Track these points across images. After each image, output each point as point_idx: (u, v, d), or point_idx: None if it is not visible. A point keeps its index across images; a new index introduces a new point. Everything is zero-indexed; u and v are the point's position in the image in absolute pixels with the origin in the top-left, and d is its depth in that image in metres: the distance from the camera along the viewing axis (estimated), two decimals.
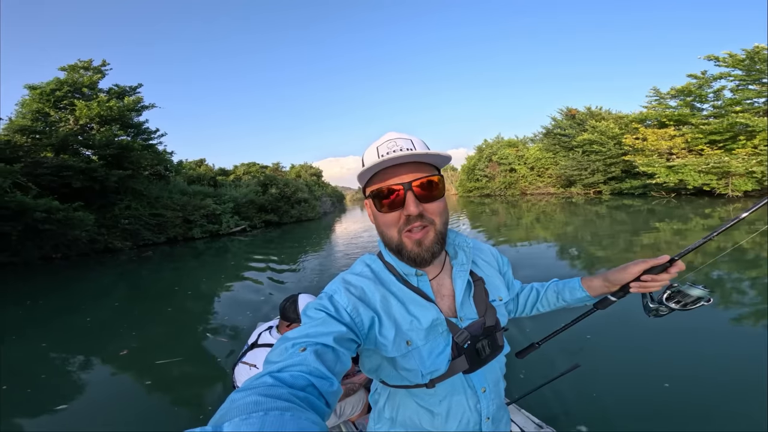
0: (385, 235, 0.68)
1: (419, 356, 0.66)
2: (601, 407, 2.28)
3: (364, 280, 0.69)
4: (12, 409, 2.89)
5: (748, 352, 2.81)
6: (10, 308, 6.15)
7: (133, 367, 3.57)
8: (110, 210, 13.99)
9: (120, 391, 3.12)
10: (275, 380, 0.44)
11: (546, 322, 1.03)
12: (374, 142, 0.70)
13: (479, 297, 0.74)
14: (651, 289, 0.76)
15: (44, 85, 13.28)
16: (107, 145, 13.46)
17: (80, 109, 13.18)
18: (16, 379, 3.39)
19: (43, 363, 3.82)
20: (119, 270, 9.93)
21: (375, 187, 0.65)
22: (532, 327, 3.44)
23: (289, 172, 39.20)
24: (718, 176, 15.31)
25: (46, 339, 4.49)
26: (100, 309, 5.87)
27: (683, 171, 16.04)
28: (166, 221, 15.87)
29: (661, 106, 19.86)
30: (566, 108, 31.56)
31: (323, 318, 0.60)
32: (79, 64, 14.21)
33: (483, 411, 0.74)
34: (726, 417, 2.10)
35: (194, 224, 16.99)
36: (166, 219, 15.86)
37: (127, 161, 14.36)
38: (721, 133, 15.65)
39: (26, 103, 13.00)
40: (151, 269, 9.84)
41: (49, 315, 5.68)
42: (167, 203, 16.32)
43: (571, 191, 27.26)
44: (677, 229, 9.44)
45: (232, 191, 21.88)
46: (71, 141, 12.59)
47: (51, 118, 12.84)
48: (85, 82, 13.95)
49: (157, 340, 4.24)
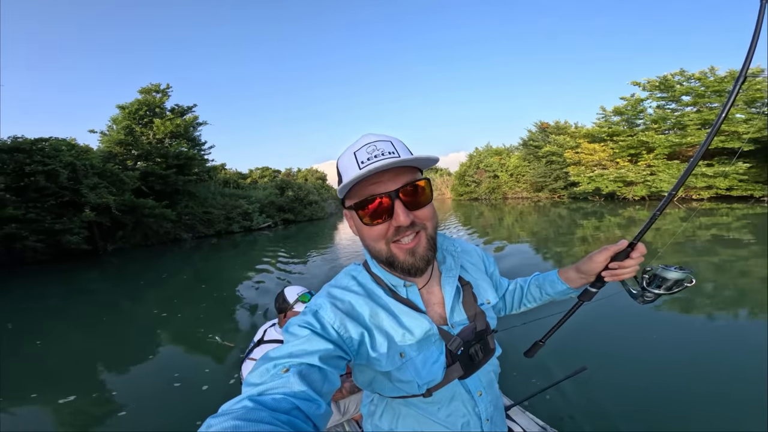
0: (372, 249, 0.64)
1: (414, 367, 0.65)
2: (606, 410, 2.28)
3: (351, 294, 0.67)
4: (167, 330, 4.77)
5: (755, 355, 2.84)
6: (130, 282, 8.53)
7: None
8: (175, 208, 17.77)
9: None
10: (255, 404, 0.42)
11: (540, 322, 1.11)
12: (349, 146, 0.63)
13: (468, 302, 0.73)
14: (622, 276, 0.75)
15: (129, 105, 17.02)
16: (177, 155, 17.31)
17: (158, 126, 17.02)
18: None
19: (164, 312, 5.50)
20: (186, 255, 12.91)
21: (357, 199, 0.60)
22: (530, 327, 6.12)
23: (297, 176, 43.07)
24: (625, 184, 20.17)
25: (155, 303, 6.22)
26: (184, 281, 8.39)
27: (598, 180, 20.94)
28: (214, 218, 19.70)
29: (606, 123, 23.98)
30: (540, 121, 36.68)
31: (308, 336, 0.56)
32: (151, 87, 17.94)
33: (482, 414, 0.73)
34: (732, 420, 2.13)
35: (233, 221, 20.83)
36: (214, 216, 19.70)
37: (188, 169, 18.20)
38: (636, 148, 20.36)
39: (118, 120, 16.72)
40: (208, 255, 12.61)
41: (156, 285, 8.05)
42: (213, 203, 20.16)
43: (539, 195, 32.23)
44: (596, 225, 13.02)
45: (256, 193, 25.72)
46: (153, 152, 16.37)
47: (136, 133, 16.54)
48: (156, 103, 17.71)
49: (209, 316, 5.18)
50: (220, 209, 20.32)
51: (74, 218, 11.00)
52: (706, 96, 18.33)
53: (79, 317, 5.88)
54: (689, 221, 10.11)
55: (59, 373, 3.65)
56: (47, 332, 4.93)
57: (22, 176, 10.08)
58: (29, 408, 3.03)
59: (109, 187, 12.39)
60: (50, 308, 6.41)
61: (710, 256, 6.70)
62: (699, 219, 12.05)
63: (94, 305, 6.53)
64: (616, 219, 14.26)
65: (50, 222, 10.39)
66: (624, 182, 20.33)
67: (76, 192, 11.08)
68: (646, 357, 2.91)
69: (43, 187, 10.43)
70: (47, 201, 10.56)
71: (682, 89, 19.01)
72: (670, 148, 18.72)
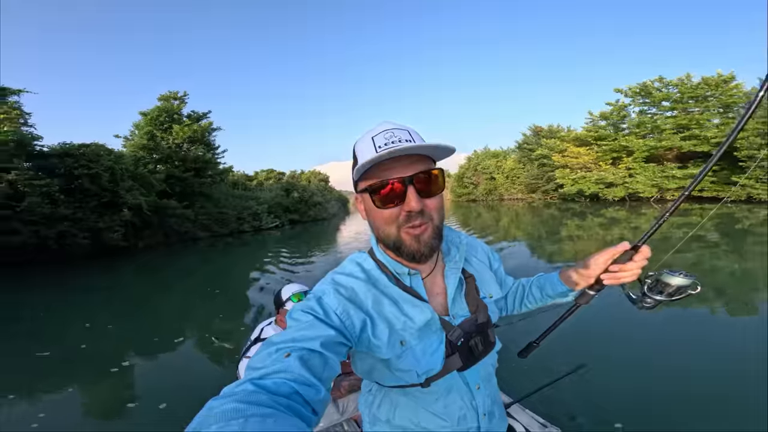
0: (382, 231, 0.66)
1: (413, 356, 0.66)
2: (606, 407, 2.30)
3: (354, 281, 0.68)
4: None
5: (755, 351, 2.90)
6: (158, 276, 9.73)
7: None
8: (192, 209, 19.09)
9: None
10: (256, 387, 0.43)
11: (539, 322, 1.11)
12: (367, 131, 0.66)
13: (470, 294, 0.74)
14: (623, 279, 0.73)
15: (150, 111, 18.40)
16: (195, 159, 18.67)
17: (176, 131, 18.38)
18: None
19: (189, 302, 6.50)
20: (203, 251, 14.09)
21: (372, 181, 0.62)
22: (526, 328, 6.12)
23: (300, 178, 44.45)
24: (605, 186, 21.68)
25: (187, 289, 7.59)
26: (206, 273, 9.67)
27: (581, 182, 22.46)
28: (227, 218, 21.00)
29: (594, 127, 25.39)
30: (533, 125, 38.25)
31: (310, 321, 0.58)
32: (170, 95, 19.29)
33: (479, 408, 0.74)
34: (732, 416, 2.14)
35: (244, 221, 22.13)
36: (227, 216, 21.00)
37: (204, 172, 19.57)
38: (618, 152, 21.84)
39: (140, 126, 18.09)
40: (223, 252, 13.71)
41: (181, 278, 9.22)
42: (225, 204, 21.48)
43: (532, 196, 33.77)
44: (578, 224, 13.99)
45: (264, 194, 27.05)
46: (173, 156, 17.72)
47: (157, 138, 17.91)
48: (175, 109, 19.08)
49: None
50: (232, 210, 21.64)
51: (114, 217, 12.36)
52: (682, 101, 19.88)
53: (120, 304, 6.66)
54: (706, 219, 10.92)
55: (104, 352, 4.17)
56: (95, 317, 5.68)
57: (72, 179, 11.44)
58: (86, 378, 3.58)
59: (140, 189, 13.76)
60: (97, 299, 7.27)
61: (684, 254, 7.05)
62: (672, 218, 13.75)
63: (132, 295, 7.50)
64: (598, 219, 15.37)
65: (94, 221, 11.74)
66: (605, 184, 21.90)
67: (115, 193, 12.44)
68: (646, 352, 2.95)
69: (87, 189, 11.78)
70: (91, 201, 11.92)
71: (660, 95, 20.54)
72: (648, 152, 20.22)
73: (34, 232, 10.37)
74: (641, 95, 21.68)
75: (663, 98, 20.60)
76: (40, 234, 10.48)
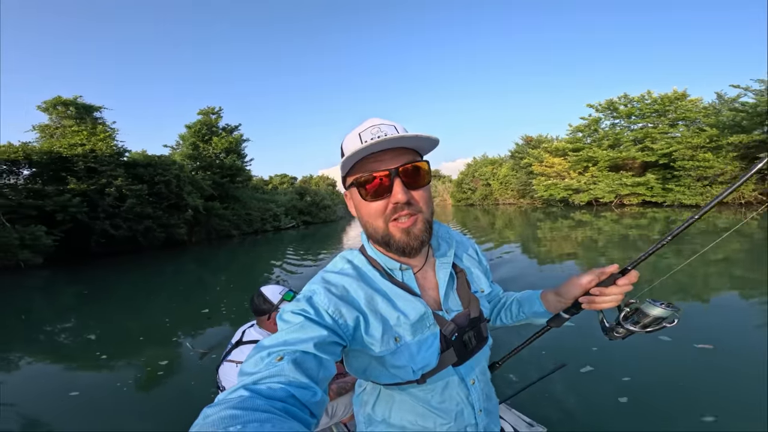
0: (370, 225, 0.66)
1: (408, 352, 0.65)
2: (592, 405, 2.36)
3: (345, 278, 0.67)
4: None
5: (743, 348, 2.94)
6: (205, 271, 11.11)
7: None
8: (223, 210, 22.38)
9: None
10: (251, 393, 0.43)
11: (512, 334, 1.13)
12: (355, 128, 0.67)
13: (462, 288, 0.74)
14: (602, 305, 0.69)
15: (194, 124, 21.96)
16: (230, 167, 22.00)
17: (215, 143, 21.74)
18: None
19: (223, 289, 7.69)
20: (234, 248, 16.58)
21: (358, 175, 0.63)
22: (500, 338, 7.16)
23: (311, 182, 47.81)
24: (573, 191, 24.86)
25: (227, 279, 8.93)
26: (236, 267, 12.02)
27: (552, 189, 25.79)
28: (253, 218, 24.25)
29: (573, 138, 28.49)
30: (525, 135, 41.68)
31: (301, 322, 0.57)
32: (208, 110, 22.72)
33: (475, 404, 0.73)
34: (719, 415, 2.15)
35: (266, 221, 25.35)
36: (253, 216, 24.26)
37: (235, 178, 22.92)
38: (587, 161, 24.98)
39: (185, 137, 21.51)
40: (251, 248, 16.15)
41: (219, 270, 10.87)
42: (251, 206, 24.74)
43: (523, 201, 37.21)
44: (550, 226, 15.08)
45: (280, 198, 30.27)
46: (213, 164, 21.07)
47: (200, 148, 21.34)
48: (213, 123, 22.53)
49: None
50: (256, 212, 24.92)
51: (180, 216, 15.73)
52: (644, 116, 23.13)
53: (181, 287, 8.32)
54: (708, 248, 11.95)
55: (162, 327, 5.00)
56: (161, 296, 7.42)
57: (153, 184, 14.80)
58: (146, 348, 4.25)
59: (196, 193, 17.12)
60: (167, 281, 9.32)
61: (634, 251, 7.33)
62: (624, 220, 16.05)
63: (191, 280, 9.37)
64: (567, 221, 16.82)
65: (167, 219, 15.09)
66: (573, 190, 25.22)
67: (179, 196, 15.79)
68: (629, 351, 2.95)
69: (161, 192, 15.13)
70: (163, 203, 15.26)
71: (624, 111, 23.85)
72: (610, 161, 23.42)
73: (129, 228, 13.71)
74: (609, 110, 25.04)
75: (628, 113, 23.71)
76: (133, 229, 13.80)
